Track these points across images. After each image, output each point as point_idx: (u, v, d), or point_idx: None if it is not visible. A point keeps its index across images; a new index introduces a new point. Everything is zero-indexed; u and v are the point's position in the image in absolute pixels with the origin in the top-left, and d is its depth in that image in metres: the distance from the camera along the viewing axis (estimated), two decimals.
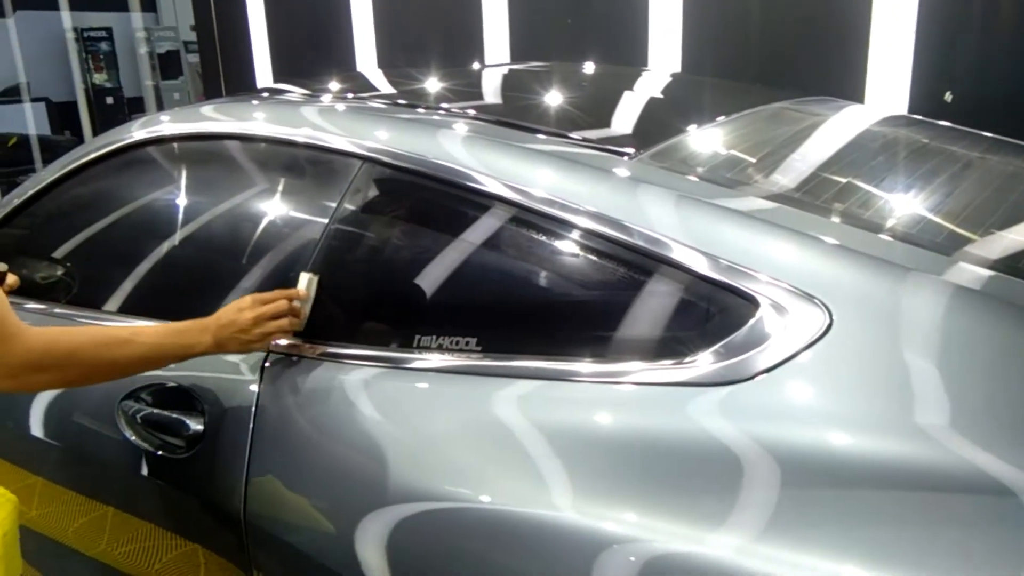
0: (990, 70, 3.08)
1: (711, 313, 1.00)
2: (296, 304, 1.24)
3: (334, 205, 1.33)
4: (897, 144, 1.53)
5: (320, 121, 1.42)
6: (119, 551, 1.47)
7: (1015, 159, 1.53)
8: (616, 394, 1.01)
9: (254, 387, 1.27)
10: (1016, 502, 0.78)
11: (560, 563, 0.92)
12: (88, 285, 1.63)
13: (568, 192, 1.13)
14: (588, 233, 1.10)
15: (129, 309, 1.53)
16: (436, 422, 1.11)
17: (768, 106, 1.59)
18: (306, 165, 1.45)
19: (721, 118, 1.47)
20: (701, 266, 1.01)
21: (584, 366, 1.05)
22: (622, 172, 1.16)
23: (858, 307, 0.93)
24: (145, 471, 1.37)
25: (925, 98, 3.13)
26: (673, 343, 1.01)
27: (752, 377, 0.93)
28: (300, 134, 1.41)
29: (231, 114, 1.57)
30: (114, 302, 1.56)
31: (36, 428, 1.51)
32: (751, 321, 0.96)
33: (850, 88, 3.22)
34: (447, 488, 1.04)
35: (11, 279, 1.44)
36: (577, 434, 1.00)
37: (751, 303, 0.97)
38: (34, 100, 8.23)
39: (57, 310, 1.59)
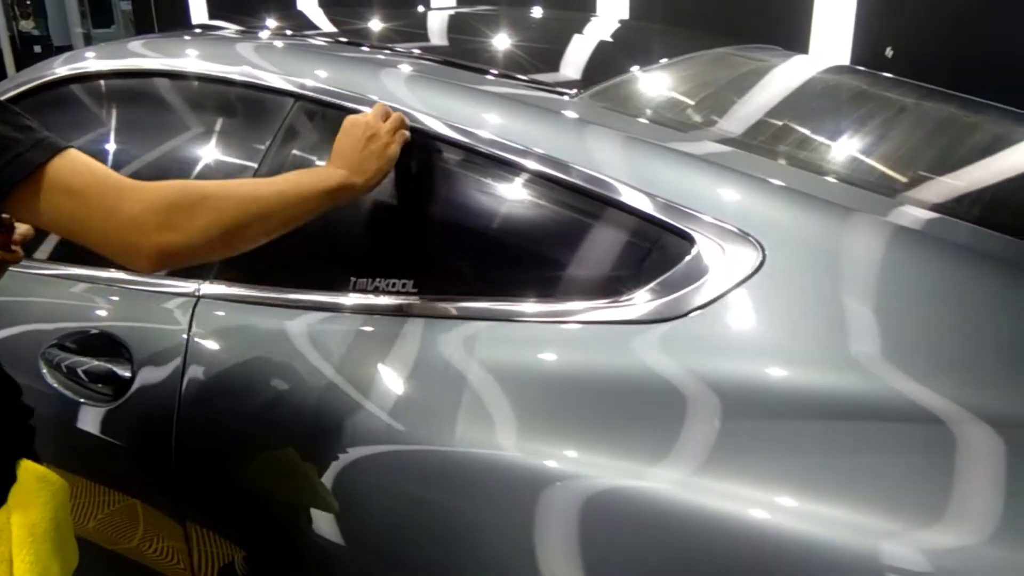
0: (929, 27, 3.12)
1: (648, 251, 0.99)
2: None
3: (266, 145, 1.28)
4: (835, 89, 1.53)
5: (255, 58, 1.36)
6: None
7: (953, 107, 1.55)
8: (555, 333, 1.00)
9: (183, 333, 1.23)
10: (943, 429, 0.80)
11: (505, 502, 0.92)
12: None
13: (508, 131, 1.11)
14: (527, 172, 1.08)
15: (58, 257, 1.47)
16: (376, 365, 1.09)
17: (710, 51, 1.58)
18: (237, 104, 1.39)
19: (663, 61, 1.45)
20: (638, 204, 1.00)
21: (525, 306, 1.04)
22: (563, 111, 1.13)
23: (791, 244, 0.93)
24: (72, 422, 1.32)
25: (866, 53, 3.17)
26: (611, 282, 1.00)
27: (687, 313, 0.93)
28: (234, 71, 1.35)
29: (161, 50, 1.50)
30: (43, 251, 1.49)
31: None
32: (687, 258, 0.96)
33: (794, 43, 3.24)
34: (387, 431, 1.03)
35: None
36: (518, 374, 0.99)
37: (687, 240, 0.96)
38: None
39: None
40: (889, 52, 3.11)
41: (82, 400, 1.29)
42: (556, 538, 0.88)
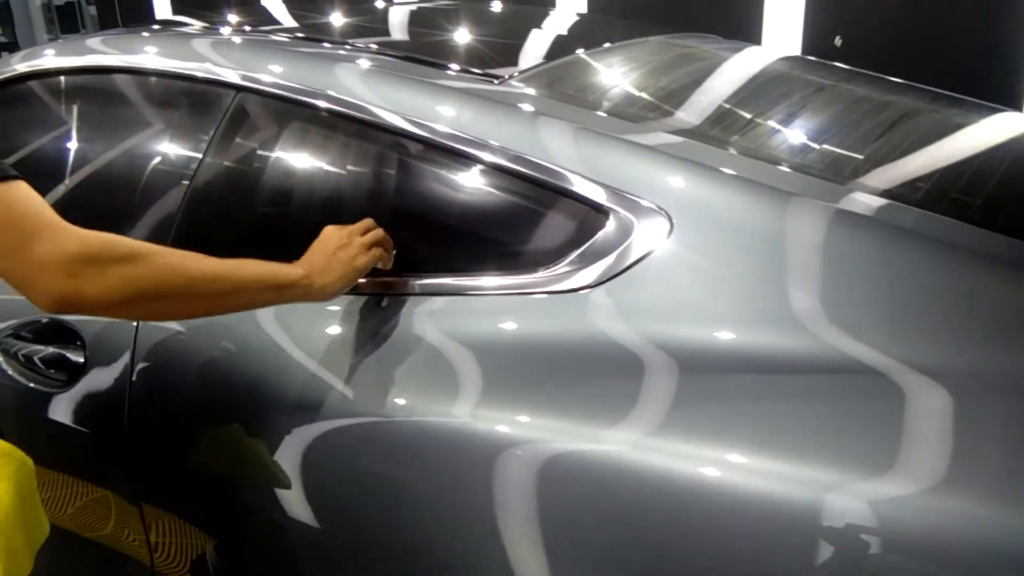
0: (878, 16, 3.21)
1: (567, 225, 1.05)
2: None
3: (209, 138, 1.33)
4: (761, 73, 1.59)
5: (210, 54, 1.40)
6: None
7: (874, 90, 1.62)
8: (486, 305, 1.06)
9: (132, 323, 1.27)
10: (879, 382, 0.84)
11: (459, 469, 0.96)
12: None
13: (437, 116, 1.15)
14: (453, 154, 1.13)
15: None
16: (324, 342, 1.13)
17: (642, 39, 1.65)
18: (191, 99, 1.43)
19: (592, 49, 1.52)
20: (556, 180, 1.05)
21: (462, 281, 1.09)
22: (490, 96, 1.19)
23: (698, 214, 0.99)
24: (30, 408, 1.35)
25: (817, 42, 3.25)
26: (533, 255, 1.06)
27: (607, 280, 0.99)
28: (189, 67, 1.39)
29: (118, 46, 1.54)
30: None
31: None
32: (602, 231, 1.01)
33: (747, 33, 3.31)
34: (337, 406, 1.06)
35: None
36: (463, 345, 1.03)
37: (602, 214, 1.02)
38: None
39: None
40: (838, 41, 3.19)
41: (38, 387, 1.33)
42: (513, 502, 0.92)
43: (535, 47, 1.55)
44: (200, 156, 1.32)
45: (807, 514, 0.77)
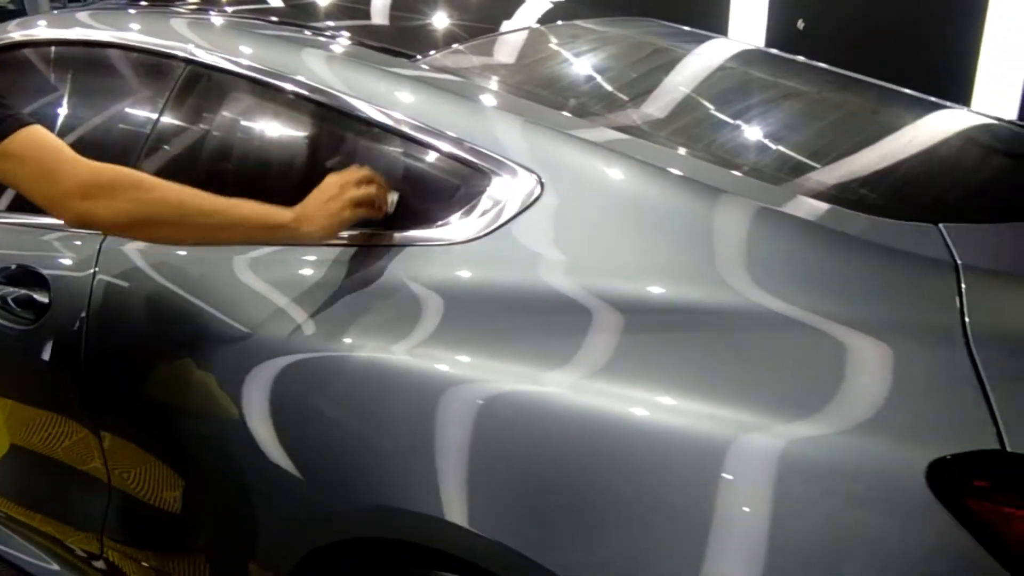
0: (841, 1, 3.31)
1: (461, 186, 1.20)
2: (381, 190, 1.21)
3: (161, 104, 1.48)
4: (666, 55, 1.73)
5: (187, 32, 1.52)
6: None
7: (779, 75, 1.75)
8: (392, 255, 1.20)
9: (91, 267, 1.43)
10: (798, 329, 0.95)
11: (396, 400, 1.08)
12: None
13: (355, 87, 1.30)
14: (361, 121, 1.29)
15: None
16: (263, 285, 1.26)
17: (566, 22, 1.79)
18: (161, 73, 1.55)
19: (513, 29, 1.68)
20: (452, 148, 1.20)
21: (384, 234, 1.22)
22: (406, 72, 1.34)
23: (567, 178, 1.13)
24: (4, 346, 1.52)
25: (782, 25, 3.35)
26: (432, 212, 1.21)
27: (489, 233, 1.14)
28: (166, 45, 1.52)
29: (104, 21, 1.67)
30: None
31: None
32: (487, 190, 1.17)
33: (714, 18, 3.42)
34: (274, 342, 1.20)
35: None
36: (377, 287, 1.17)
37: (486, 175, 1.17)
38: None
39: None
40: (801, 24, 3.29)
41: (7, 323, 1.50)
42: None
43: (460, 28, 1.68)
44: (154, 118, 1.48)
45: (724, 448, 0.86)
